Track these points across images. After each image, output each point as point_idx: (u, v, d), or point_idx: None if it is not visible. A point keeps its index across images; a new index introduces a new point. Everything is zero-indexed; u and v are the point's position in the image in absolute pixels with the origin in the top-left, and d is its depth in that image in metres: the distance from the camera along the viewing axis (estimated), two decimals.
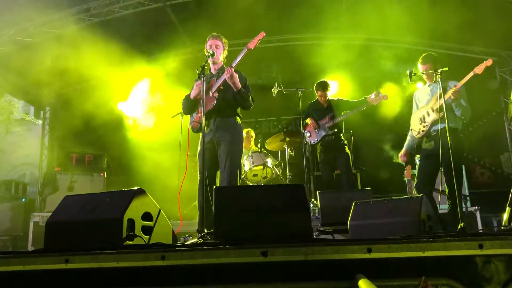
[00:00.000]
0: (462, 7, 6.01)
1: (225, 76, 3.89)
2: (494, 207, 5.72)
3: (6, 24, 7.07)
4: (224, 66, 4.25)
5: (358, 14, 7.18)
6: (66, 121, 9.50)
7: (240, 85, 3.97)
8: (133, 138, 8.38)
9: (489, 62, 4.11)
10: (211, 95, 4.02)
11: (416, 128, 4.64)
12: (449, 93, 4.19)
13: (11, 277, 2.12)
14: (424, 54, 4.58)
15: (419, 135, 4.60)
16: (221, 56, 4.23)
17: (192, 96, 4.20)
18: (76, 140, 9.31)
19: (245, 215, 2.41)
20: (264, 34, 4.01)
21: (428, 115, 4.49)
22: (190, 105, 4.26)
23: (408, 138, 4.86)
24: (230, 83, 3.93)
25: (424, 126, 4.52)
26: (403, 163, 5.26)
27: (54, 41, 7.40)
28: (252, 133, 7.23)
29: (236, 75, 3.92)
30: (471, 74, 4.17)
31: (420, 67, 4.52)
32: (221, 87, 4.03)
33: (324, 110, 6.05)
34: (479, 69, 4.13)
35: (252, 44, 3.95)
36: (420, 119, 4.59)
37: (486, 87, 7.99)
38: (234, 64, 3.93)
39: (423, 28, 7.21)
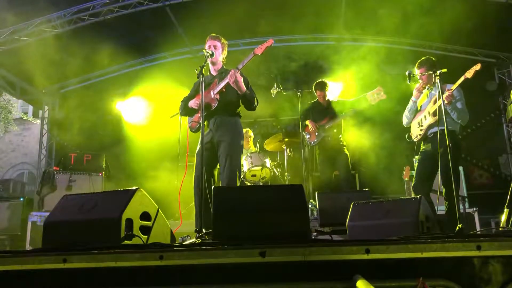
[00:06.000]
0: (461, 9, 6.02)
1: (230, 80, 3.87)
2: (492, 208, 5.72)
3: (4, 23, 7.06)
4: (225, 67, 4.25)
5: (357, 15, 7.19)
6: (64, 120, 9.50)
7: (244, 88, 3.95)
8: (131, 138, 8.37)
9: (477, 67, 4.13)
10: (212, 96, 4.01)
11: (414, 132, 4.67)
12: (443, 97, 4.19)
13: (9, 277, 2.11)
14: (422, 58, 4.58)
15: (416, 139, 4.63)
16: (220, 56, 4.22)
17: (190, 105, 4.16)
18: (74, 139, 9.31)
19: (244, 215, 2.41)
20: (273, 42, 4.03)
21: (425, 118, 4.52)
22: (188, 110, 4.25)
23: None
24: (235, 87, 3.91)
25: (421, 130, 4.55)
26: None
27: (53, 40, 7.39)
28: (250, 133, 7.23)
29: (240, 79, 3.90)
30: (462, 78, 4.19)
31: (416, 71, 4.53)
32: (223, 90, 4.01)
33: (324, 110, 6.06)
34: (469, 74, 4.15)
35: (259, 50, 3.96)
36: (418, 123, 4.62)
37: (484, 89, 8.01)
38: (240, 67, 3.92)
39: (422, 30, 7.22)
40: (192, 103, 4.15)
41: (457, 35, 7.16)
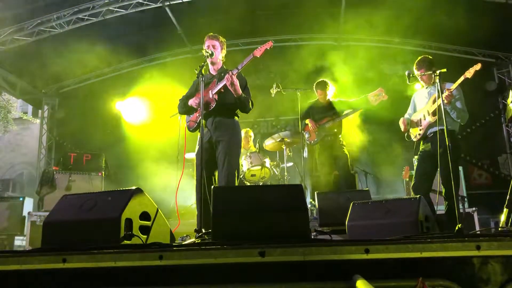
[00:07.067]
0: (461, 10, 6.02)
1: (226, 83, 3.87)
2: (492, 208, 5.74)
3: (4, 24, 7.06)
4: (224, 67, 4.25)
5: (357, 15, 7.19)
6: (64, 120, 9.51)
7: (240, 91, 3.94)
8: (131, 138, 8.37)
9: (478, 66, 4.12)
10: (210, 96, 4.01)
11: (413, 131, 4.66)
12: (442, 97, 4.19)
13: (8, 277, 2.11)
14: (419, 58, 4.57)
15: (416, 138, 4.62)
16: (220, 55, 4.22)
17: (190, 104, 4.16)
18: (74, 139, 9.32)
19: (243, 215, 2.40)
20: (272, 44, 4.04)
21: (425, 118, 4.51)
22: (186, 109, 4.24)
23: (406, 115, 4.84)
24: (231, 90, 3.91)
25: (420, 129, 4.54)
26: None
27: (52, 40, 7.39)
28: (251, 133, 7.24)
29: (236, 82, 3.88)
30: (462, 78, 4.19)
31: (415, 72, 4.52)
32: (222, 90, 4.02)
33: (324, 110, 6.04)
34: (469, 73, 4.15)
35: (258, 52, 3.96)
36: (417, 122, 4.61)
37: (484, 89, 8.02)
38: (235, 72, 3.91)
39: (422, 30, 7.23)
40: (192, 102, 4.15)
41: (457, 35, 7.16)
